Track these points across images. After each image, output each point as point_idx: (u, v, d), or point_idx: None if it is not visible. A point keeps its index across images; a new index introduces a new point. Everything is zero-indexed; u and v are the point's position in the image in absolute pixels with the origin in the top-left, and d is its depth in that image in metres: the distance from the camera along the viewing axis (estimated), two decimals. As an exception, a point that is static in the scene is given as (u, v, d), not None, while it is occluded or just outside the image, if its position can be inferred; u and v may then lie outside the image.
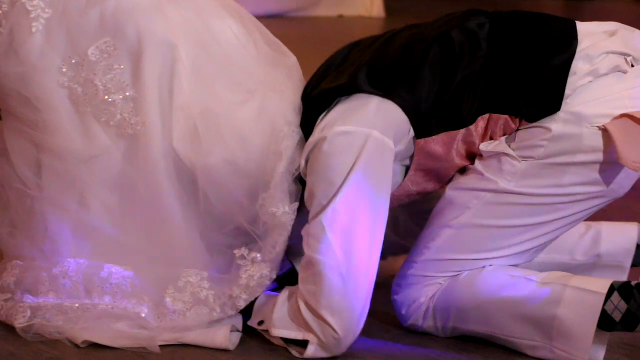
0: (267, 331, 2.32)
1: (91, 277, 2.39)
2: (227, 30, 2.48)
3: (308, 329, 2.23)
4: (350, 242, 2.22)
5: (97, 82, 2.37)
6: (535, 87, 2.27)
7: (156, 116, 2.36)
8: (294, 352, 2.26)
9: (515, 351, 2.33)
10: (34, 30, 2.39)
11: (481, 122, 2.31)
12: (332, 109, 2.30)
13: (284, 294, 2.31)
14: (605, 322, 2.22)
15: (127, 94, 2.37)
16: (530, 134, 2.27)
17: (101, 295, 2.38)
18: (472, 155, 2.35)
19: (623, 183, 2.32)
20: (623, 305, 2.21)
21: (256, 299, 2.39)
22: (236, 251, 2.36)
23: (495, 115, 2.30)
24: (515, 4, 9.78)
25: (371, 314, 2.30)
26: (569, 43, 2.29)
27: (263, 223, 2.35)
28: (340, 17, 8.60)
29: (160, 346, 2.30)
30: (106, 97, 2.37)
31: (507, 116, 2.29)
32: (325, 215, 2.21)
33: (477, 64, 2.30)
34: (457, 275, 2.36)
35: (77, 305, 2.37)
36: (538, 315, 2.27)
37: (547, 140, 2.25)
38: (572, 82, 2.26)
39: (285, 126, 2.37)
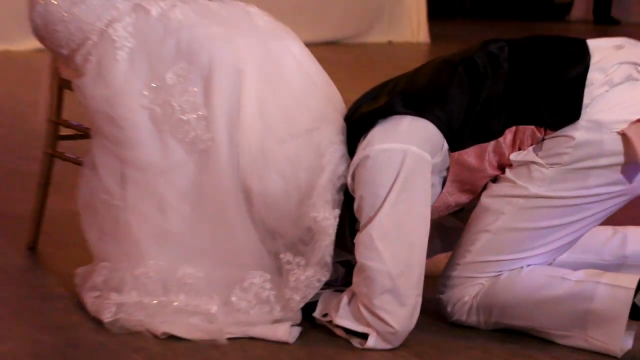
0: (330, 322, 2.34)
1: (168, 277, 2.41)
2: (286, 51, 2.51)
3: (367, 324, 2.25)
4: (396, 248, 2.24)
5: (173, 103, 2.41)
6: (556, 98, 2.29)
7: (224, 133, 2.39)
8: (355, 343, 2.28)
9: (551, 341, 2.34)
10: (118, 58, 2.45)
11: (509, 134, 2.33)
12: (371, 129, 2.32)
13: (348, 292, 2.32)
14: (635, 313, 2.23)
15: (200, 113, 2.40)
16: (555, 143, 2.29)
17: (177, 293, 2.40)
18: (503, 165, 2.36)
19: None
20: None
21: (316, 296, 2.40)
22: (282, 256, 2.37)
23: (521, 127, 2.32)
24: (548, 27, 9.70)
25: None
26: (583, 57, 2.31)
27: (306, 229, 2.36)
28: (390, 43, 8.55)
29: (228, 339, 2.32)
30: (181, 117, 2.40)
31: (532, 127, 2.31)
32: (372, 225, 2.24)
33: (500, 82, 2.32)
34: (498, 275, 2.36)
35: (155, 302, 2.39)
36: (573, 310, 2.28)
37: (571, 147, 2.26)
38: (589, 92, 2.27)
39: (328, 145, 2.39)
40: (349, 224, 2.41)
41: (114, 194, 2.46)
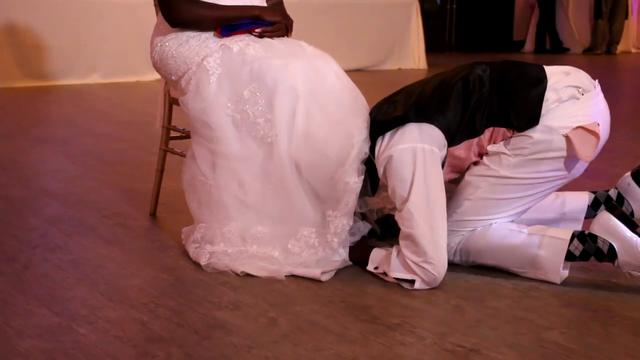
0: (383, 273, 2.30)
1: (245, 233, 2.39)
2: (330, 70, 2.47)
3: (413, 273, 2.22)
4: (429, 216, 2.21)
5: (248, 111, 2.38)
6: (522, 110, 2.26)
7: (284, 131, 2.35)
8: (405, 285, 2.24)
9: (512, 273, 2.32)
10: (211, 81, 2.43)
11: (487, 133, 2.30)
12: (392, 132, 2.28)
13: (395, 250, 2.28)
14: (569, 256, 2.23)
15: (267, 117, 2.37)
16: (519, 140, 2.26)
17: (251, 244, 2.39)
18: (482, 154, 2.33)
19: (579, 168, 2.30)
20: (580, 246, 2.21)
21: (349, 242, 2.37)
22: (327, 213, 2.34)
23: (497, 128, 2.30)
24: (509, 57, 9.61)
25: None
26: (542, 81, 2.29)
27: (340, 190, 2.32)
28: (399, 69, 8.50)
29: (285, 276, 2.30)
30: (254, 120, 2.38)
31: (504, 128, 2.29)
32: (410, 203, 2.21)
33: (484, 96, 2.28)
34: (474, 229, 2.34)
35: (236, 250, 2.38)
36: (527, 253, 2.27)
37: (530, 143, 2.24)
38: (545, 106, 2.25)
39: (356, 130, 2.35)
40: (370, 182, 2.39)
41: (208, 176, 2.44)
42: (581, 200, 2.51)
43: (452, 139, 2.29)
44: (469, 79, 2.30)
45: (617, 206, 2.28)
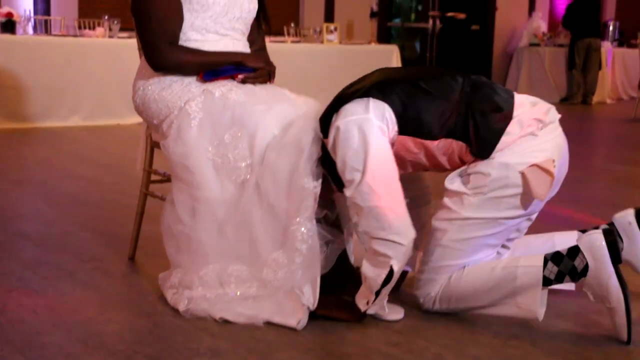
0: (377, 300, 2.24)
1: (222, 273, 2.36)
2: (307, 100, 2.50)
3: (387, 258, 2.16)
4: (389, 186, 2.18)
5: (229, 155, 2.37)
6: (482, 134, 2.26)
7: (255, 174, 2.35)
8: (391, 317, 2.28)
9: (492, 321, 2.31)
10: (192, 125, 2.42)
11: (442, 142, 2.28)
12: (345, 105, 2.26)
13: (363, 267, 2.22)
14: (546, 281, 2.23)
15: (248, 161, 2.36)
16: (478, 179, 2.26)
17: (229, 284, 2.34)
18: (432, 158, 2.31)
19: (537, 205, 2.32)
20: (554, 268, 2.22)
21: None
22: (292, 222, 2.28)
23: (455, 141, 2.28)
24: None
25: (403, 303, 2.28)
26: (508, 114, 2.29)
27: (298, 196, 2.28)
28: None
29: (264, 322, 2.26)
30: (235, 165, 2.37)
31: (463, 144, 2.28)
32: (367, 176, 2.17)
33: (451, 102, 2.27)
34: (450, 275, 2.33)
35: (215, 294, 2.34)
36: (505, 289, 2.27)
37: (489, 181, 2.25)
38: (505, 139, 2.26)
39: (302, 134, 2.32)
40: (333, 178, 2.31)
41: (186, 223, 2.41)
42: (571, 239, 2.47)
43: (403, 127, 2.25)
44: (444, 81, 2.29)
45: (613, 233, 2.24)
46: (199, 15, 2.55)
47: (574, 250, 2.20)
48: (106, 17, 7.08)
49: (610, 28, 11.60)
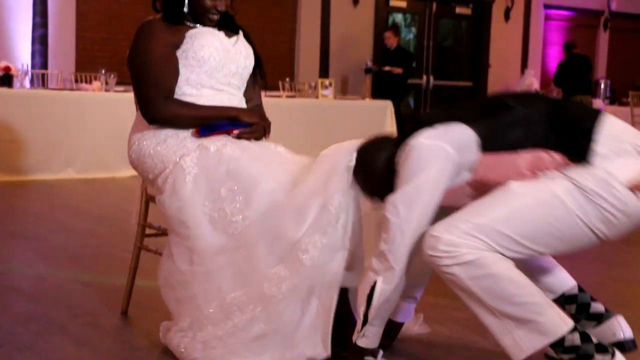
0: (364, 327, 2.16)
1: (223, 304, 2.31)
2: (298, 162, 2.49)
3: (374, 273, 2.10)
4: (421, 214, 2.07)
5: (226, 209, 2.37)
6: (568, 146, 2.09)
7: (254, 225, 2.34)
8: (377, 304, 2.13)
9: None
10: (187, 180, 2.43)
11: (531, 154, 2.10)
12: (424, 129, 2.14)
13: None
14: (557, 344, 2.03)
15: (245, 214, 2.36)
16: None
17: (233, 312, 2.29)
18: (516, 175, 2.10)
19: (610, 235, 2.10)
20: (577, 341, 2.03)
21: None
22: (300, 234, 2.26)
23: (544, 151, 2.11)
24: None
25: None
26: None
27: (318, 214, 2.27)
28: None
29: None
30: (232, 219, 2.36)
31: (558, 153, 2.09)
32: (403, 192, 2.08)
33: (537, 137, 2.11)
34: (499, 254, 2.04)
35: (224, 331, 2.29)
36: (525, 312, 2.02)
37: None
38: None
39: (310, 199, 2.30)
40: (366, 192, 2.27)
41: (186, 273, 2.39)
42: (571, 280, 2.37)
43: (487, 146, 2.11)
44: (525, 115, 2.13)
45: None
46: (195, 70, 2.58)
47: (601, 346, 2.02)
48: (103, 71, 7.14)
49: (602, 86, 11.74)
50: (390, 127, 8.63)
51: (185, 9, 2.61)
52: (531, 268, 2.32)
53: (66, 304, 2.98)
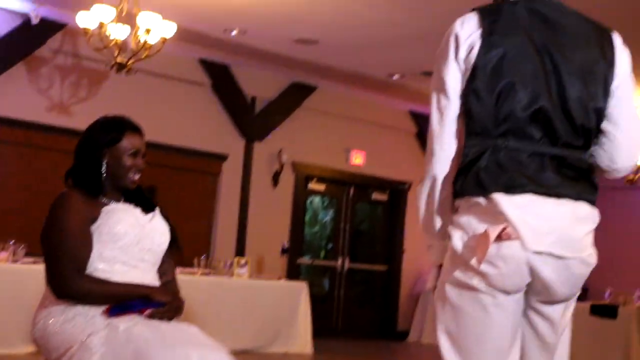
0: None
1: None
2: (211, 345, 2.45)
3: None
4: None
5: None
6: None
7: None
8: None
9: None
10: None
11: None
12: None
13: None
14: None
15: None
16: None
17: None
18: None
19: None
20: None
21: None
22: None
23: None
24: (393, 346, 9.62)
25: None
26: None
27: None
28: (285, 354, 8.41)
29: None
30: None
31: None
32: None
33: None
34: None
35: None
36: None
37: None
38: None
39: None
40: None
41: None
42: None
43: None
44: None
45: None
46: (108, 246, 2.57)
47: None
48: (12, 242, 6.99)
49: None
50: (304, 308, 8.63)
51: (104, 175, 2.61)
52: None
53: None
